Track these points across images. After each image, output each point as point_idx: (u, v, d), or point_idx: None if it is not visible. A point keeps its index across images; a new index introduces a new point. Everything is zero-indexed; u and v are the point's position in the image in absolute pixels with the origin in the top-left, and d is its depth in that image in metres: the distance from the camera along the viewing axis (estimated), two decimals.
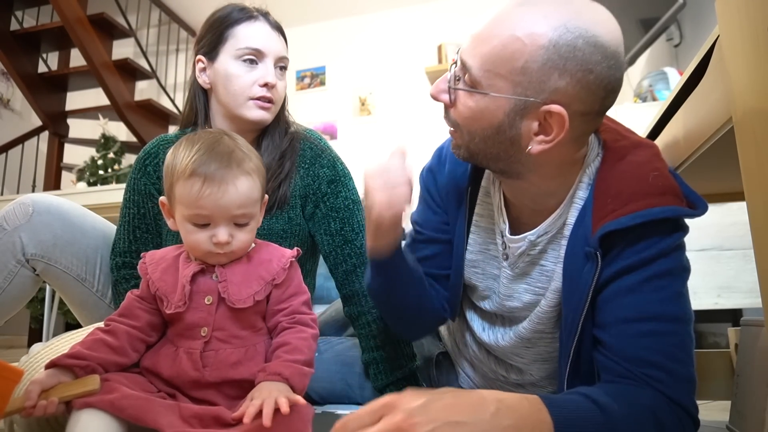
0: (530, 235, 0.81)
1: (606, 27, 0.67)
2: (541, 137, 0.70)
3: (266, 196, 0.89)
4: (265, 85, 1.07)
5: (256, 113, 1.07)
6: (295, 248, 0.89)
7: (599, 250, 0.71)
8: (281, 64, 1.12)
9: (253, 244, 0.87)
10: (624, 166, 0.73)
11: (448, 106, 0.77)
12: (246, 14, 1.10)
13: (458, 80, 0.74)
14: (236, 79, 1.06)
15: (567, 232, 0.77)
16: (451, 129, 0.79)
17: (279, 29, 1.13)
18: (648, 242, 0.70)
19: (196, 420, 0.71)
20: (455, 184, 0.92)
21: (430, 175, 0.98)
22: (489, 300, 0.92)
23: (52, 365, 0.73)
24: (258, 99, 1.07)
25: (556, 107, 0.67)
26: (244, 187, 0.79)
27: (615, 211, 0.70)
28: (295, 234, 1.13)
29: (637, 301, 0.69)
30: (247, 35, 1.08)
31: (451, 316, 0.97)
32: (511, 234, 0.84)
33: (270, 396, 0.68)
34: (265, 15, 1.13)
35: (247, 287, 0.82)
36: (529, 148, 0.71)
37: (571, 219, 0.77)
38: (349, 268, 1.12)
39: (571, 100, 0.68)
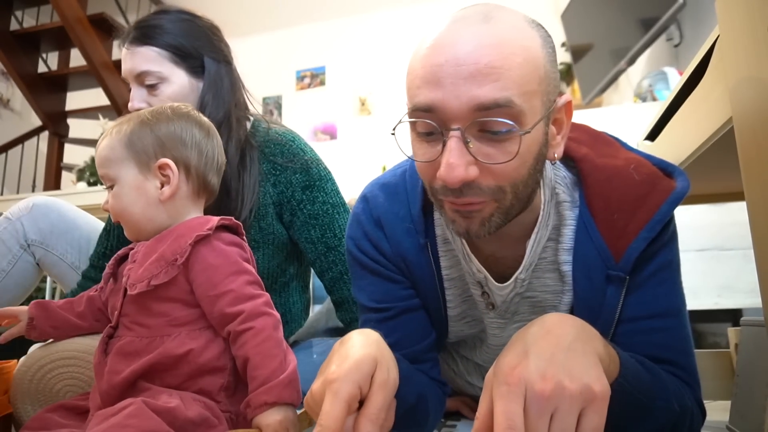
0: (519, 273, 0.72)
1: None
2: (558, 138, 0.66)
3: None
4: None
5: None
6: (219, 217, 0.76)
7: (629, 274, 0.68)
8: (148, 82, 1.04)
9: (171, 220, 0.78)
10: (600, 174, 0.70)
11: (476, 177, 0.59)
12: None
13: (469, 142, 0.58)
14: None
15: (563, 257, 0.72)
16: (478, 204, 0.61)
17: (139, 40, 1.05)
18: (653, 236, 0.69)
19: None
20: (407, 245, 0.77)
21: (368, 244, 0.79)
22: (479, 350, 0.89)
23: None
24: None
25: (565, 97, 0.64)
26: (100, 147, 0.79)
27: (627, 226, 0.67)
28: (269, 242, 1.09)
29: (643, 298, 0.69)
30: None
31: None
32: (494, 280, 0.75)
33: None
34: (131, 30, 1.08)
35: (146, 269, 0.72)
36: (555, 155, 0.65)
37: (568, 243, 0.71)
38: (336, 276, 1.09)
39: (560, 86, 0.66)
